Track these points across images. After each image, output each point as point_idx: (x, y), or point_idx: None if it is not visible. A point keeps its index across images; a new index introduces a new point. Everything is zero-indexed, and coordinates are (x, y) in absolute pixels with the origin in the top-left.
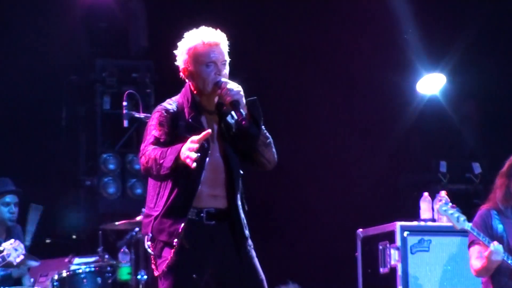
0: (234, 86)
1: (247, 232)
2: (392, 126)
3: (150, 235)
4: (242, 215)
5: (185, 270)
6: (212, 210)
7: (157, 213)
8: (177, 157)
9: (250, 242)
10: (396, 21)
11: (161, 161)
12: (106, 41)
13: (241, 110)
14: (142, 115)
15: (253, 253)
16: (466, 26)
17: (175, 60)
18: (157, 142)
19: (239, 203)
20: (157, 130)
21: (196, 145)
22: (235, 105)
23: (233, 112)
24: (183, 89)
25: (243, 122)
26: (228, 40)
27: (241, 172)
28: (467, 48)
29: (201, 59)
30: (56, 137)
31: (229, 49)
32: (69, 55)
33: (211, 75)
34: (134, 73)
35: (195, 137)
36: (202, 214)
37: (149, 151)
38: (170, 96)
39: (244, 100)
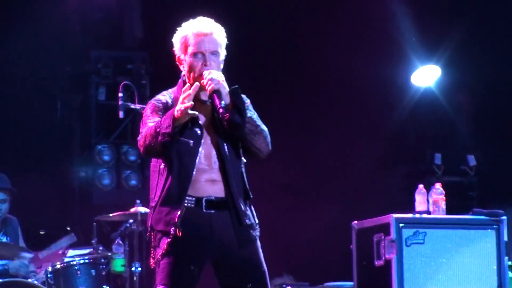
0: (216, 76)
1: (247, 221)
2: (387, 118)
3: (149, 226)
4: (241, 203)
5: (181, 259)
6: (212, 198)
7: (155, 203)
8: (173, 119)
9: (255, 232)
10: (391, 13)
11: (158, 130)
12: (101, 32)
13: (222, 100)
14: (137, 106)
15: (257, 244)
16: (460, 18)
17: (171, 51)
18: (152, 122)
19: (236, 190)
20: (152, 119)
21: (188, 93)
22: (216, 94)
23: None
24: (179, 80)
25: (220, 111)
26: (224, 31)
27: (244, 160)
28: (462, 40)
29: (190, 48)
30: (51, 128)
31: (227, 40)
32: (64, 46)
33: (198, 65)
34: (129, 64)
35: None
36: (201, 203)
37: (143, 132)
38: (165, 87)
39: (226, 90)
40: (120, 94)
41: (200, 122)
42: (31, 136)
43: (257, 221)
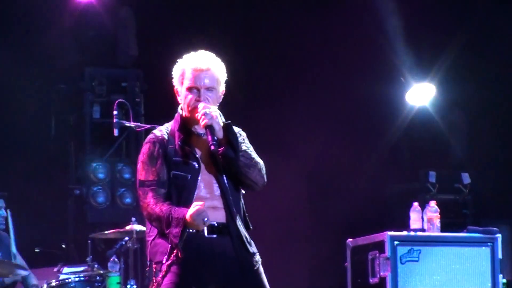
0: (209, 111)
1: (251, 248)
2: (382, 136)
3: (149, 261)
4: (243, 231)
5: (183, 280)
6: (214, 224)
7: (152, 238)
8: (184, 225)
9: (257, 257)
10: (386, 32)
11: (167, 231)
12: (95, 50)
13: (214, 136)
14: (132, 124)
15: (261, 269)
16: (455, 37)
17: (165, 69)
18: (150, 185)
19: (238, 218)
20: (147, 172)
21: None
22: (208, 130)
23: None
24: (176, 114)
25: (212, 148)
26: (218, 54)
27: (243, 191)
28: (456, 59)
29: (186, 82)
30: (45, 146)
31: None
32: (58, 64)
33: (192, 100)
34: (124, 82)
35: (198, 203)
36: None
37: (150, 206)
38: (159, 104)
39: (219, 125)
40: (115, 112)
41: (197, 155)
42: (26, 154)
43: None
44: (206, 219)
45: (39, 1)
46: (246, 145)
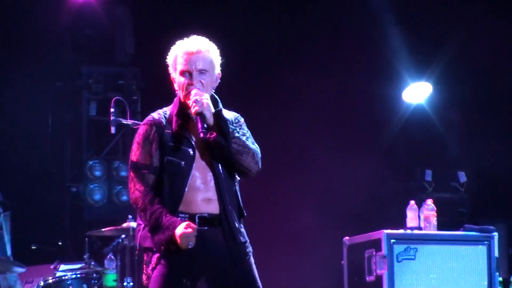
0: (200, 97)
1: (241, 238)
2: (378, 134)
3: (138, 244)
4: (235, 221)
5: (173, 272)
6: (205, 215)
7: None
8: (168, 240)
9: (248, 249)
10: (383, 30)
11: (151, 234)
12: (92, 48)
13: (204, 123)
14: (129, 122)
15: (251, 260)
16: (451, 35)
17: (162, 67)
18: (142, 168)
19: (230, 208)
20: (141, 153)
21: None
22: (199, 117)
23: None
24: (175, 98)
25: (201, 135)
26: (215, 47)
27: (237, 178)
28: (453, 57)
29: (178, 67)
30: (42, 144)
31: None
32: (55, 62)
33: (184, 85)
34: (120, 80)
35: (191, 226)
36: (195, 219)
37: (141, 196)
38: (156, 102)
39: (210, 111)
40: (112, 110)
41: (193, 142)
42: (23, 152)
43: (247, 239)
44: (191, 243)
45: None
46: (243, 131)
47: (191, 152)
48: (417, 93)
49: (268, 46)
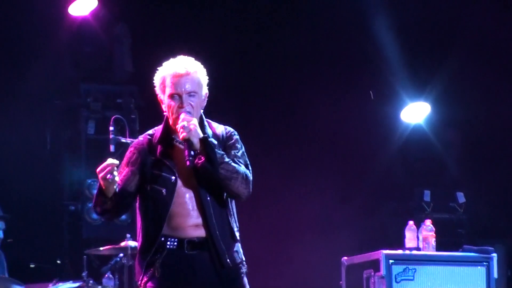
0: (188, 123)
1: (230, 262)
2: (377, 154)
3: (136, 270)
4: (221, 245)
5: None
6: (194, 240)
7: (138, 248)
8: (99, 190)
9: (241, 270)
10: (381, 50)
11: (95, 207)
12: (91, 66)
13: (191, 150)
14: (128, 140)
15: (244, 282)
16: (450, 55)
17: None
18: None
19: (217, 232)
20: (121, 174)
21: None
22: (186, 143)
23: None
24: (165, 116)
25: (187, 163)
26: (211, 65)
27: (230, 200)
28: (451, 77)
29: (167, 90)
30: (40, 162)
31: (208, 78)
32: (53, 79)
33: (175, 108)
34: (119, 98)
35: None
36: (183, 244)
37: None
38: (154, 121)
39: (198, 137)
40: (111, 128)
41: (174, 169)
42: (21, 170)
43: (243, 258)
44: (109, 175)
45: (35, 16)
46: (234, 151)
47: (173, 179)
48: (416, 113)
49: (266, 67)
